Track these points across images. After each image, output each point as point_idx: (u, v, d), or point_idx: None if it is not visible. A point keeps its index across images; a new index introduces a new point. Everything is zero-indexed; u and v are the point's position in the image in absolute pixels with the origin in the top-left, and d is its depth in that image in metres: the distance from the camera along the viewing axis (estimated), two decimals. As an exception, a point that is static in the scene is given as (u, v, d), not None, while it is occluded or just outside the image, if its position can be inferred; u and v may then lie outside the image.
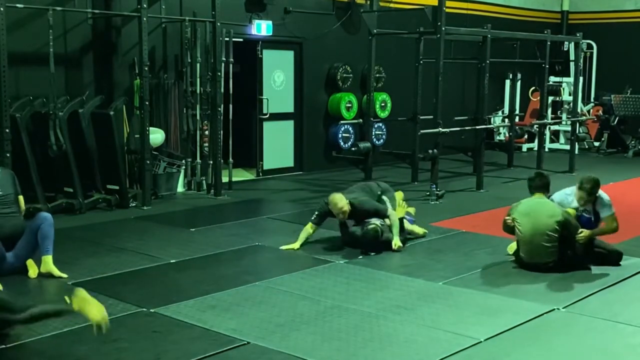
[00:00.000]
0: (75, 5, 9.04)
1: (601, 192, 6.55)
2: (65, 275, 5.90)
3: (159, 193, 9.54)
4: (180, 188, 10.06)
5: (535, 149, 12.92)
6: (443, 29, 9.53)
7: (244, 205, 9.37)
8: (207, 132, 10.02)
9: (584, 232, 6.32)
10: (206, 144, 10.05)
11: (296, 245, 7.00)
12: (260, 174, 11.65)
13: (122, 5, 9.43)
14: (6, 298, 4.31)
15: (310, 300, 5.45)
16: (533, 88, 15.54)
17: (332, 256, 6.72)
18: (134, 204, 9.01)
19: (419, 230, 7.50)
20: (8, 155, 7.59)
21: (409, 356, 4.43)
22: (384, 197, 7.31)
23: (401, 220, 7.13)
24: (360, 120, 11.80)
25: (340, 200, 6.94)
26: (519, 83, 14.12)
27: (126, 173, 9.18)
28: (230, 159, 10.44)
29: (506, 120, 14.21)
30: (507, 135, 14.25)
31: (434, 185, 9.67)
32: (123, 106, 9.28)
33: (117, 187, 8.93)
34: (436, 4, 9.57)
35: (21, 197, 6.27)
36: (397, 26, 11.65)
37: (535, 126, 13.09)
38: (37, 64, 8.65)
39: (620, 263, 6.51)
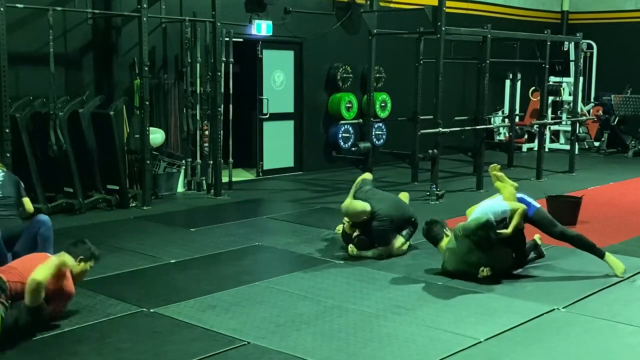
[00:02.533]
0: (75, 5, 9.05)
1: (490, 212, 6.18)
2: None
3: (159, 193, 9.54)
4: (180, 188, 10.06)
5: (535, 149, 12.92)
6: (443, 29, 9.53)
7: (244, 205, 9.37)
8: (207, 132, 10.02)
9: (504, 232, 6.03)
10: (206, 144, 10.05)
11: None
12: (260, 174, 11.65)
13: (122, 5, 9.44)
14: None
15: (310, 300, 5.45)
16: (533, 88, 15.54)
17: (332, 256, 6.71)
18: (134, 204, 9.01)
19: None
20: (8, 155, 7.59)
21: (409, 356, 4.43)
22: (405, 232, 6.86)
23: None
24: (360, 120, 11.80)
25: (357, 210, 6.63)
26: (519, 83, 14.11)
27: (126, 173, 9.18)
28: (230, 159, 10.45)
29: (506, 120, 14.21)
30: (507, 135, 14.25)
31: (434, 185, 9.67)
32: (123, 106, 9.28)
33: (117, 187, 8.93)
34: (436, 4, 9.57)
35: (27, 200, 6.25)
36: (397, 26, 11.65)
37: (535, 126, 13.08)
38: (37, 64, 8.66)
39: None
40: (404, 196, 7.41)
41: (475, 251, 5.92)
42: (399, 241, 6.76)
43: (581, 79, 13.82)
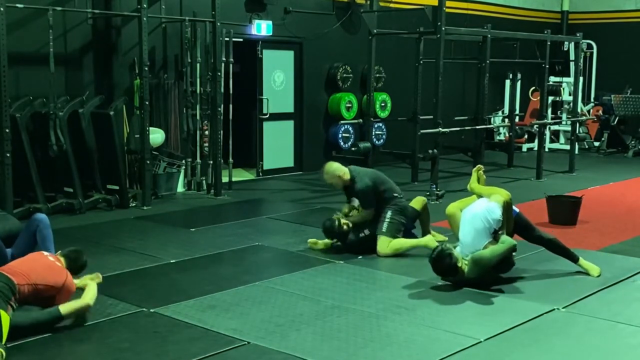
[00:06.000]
0: (75, 5, 9.04)
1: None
2: None
3: (159, 193, 9.54)
4: (180, 188, 10.06)
5: (535, 149, 12.93)
6: (443, 29, 9.54)
7: (244, 205, 9.37)
8: (207, 132, 10.02)
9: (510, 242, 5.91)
10: (206, 144, 10.05)
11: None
12: (260, 174, 11.65)
13: (122, 5, 9.43)
14: None
15: (310, 300, 5.45)
16: (533, 88, 15.54)
17: (332, 256, 6.71)
18: (134, 204, 9.01)
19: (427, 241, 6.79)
20: (8, 155, 7.59)
21: (409, 356, 4.43)
22: (387, 216, 6.87)
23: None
24: (360, 120, 11.80)
25: (330, 172, 7.01)
26: (519, 83, 14.12)
27: (126, 173, 9.18)
28: (230, 159, 10.44)
29: (506, 120, 14.21)
30: (507, 135, 14.26)
31: (434, 185, 9.67)
32: (123, 106, 9.28)
33: (117, 187, 8.93)
34: (436, 4, 9.57)
35: None
36: (397, 26, 11.66)
37: (535, 126, 13.09)
38: (37, 64, 8.65)
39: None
40: (419, 201, 7.30)
41: (494, 273, 5.91)
42: (385, 243, 6.74)
43: (581, 79, 13.82)
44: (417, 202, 7.24)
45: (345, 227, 6.79)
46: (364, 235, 6.82)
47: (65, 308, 4.74)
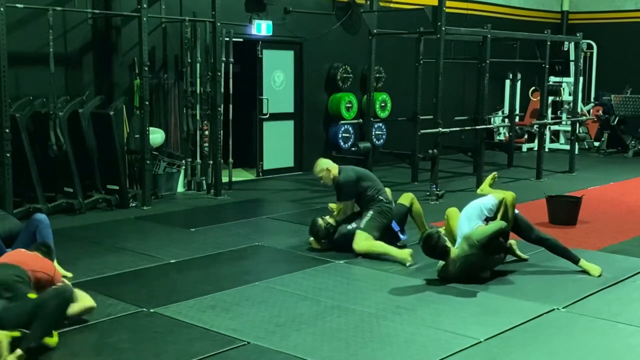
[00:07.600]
0: (75, 5, 9.04)
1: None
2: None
3: (159, 193, 9.54)
4: (180, 188, 10.06)
5: (535, 149, 12.93)
6: (443, 29, 9.54)
7: (244, 205, 9.37)
8: (207, 132, 10.02)
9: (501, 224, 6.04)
10: (206, 144, 10.05)
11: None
12: (260, 174, 11.65)
13: (122, 5, 9.43)
14: None
15: (310, 300, 5.45)
16: (533, 88, 15.54)
17: (332, 256, 6.71)
18: (134, 204, 9.01)
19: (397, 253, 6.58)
20: (8, 155, 7.59)
21: (409, 356, 4.43)
22: (370, 213, 6.83)
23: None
24: (360, 120, 11.80)
25: (320, 165, 7.01)
26: (519, 83, 14.12)
27: (126, 173, 9.18)
28: (230, 159, 10.45)
29: (506, 120, 14.22)
30: (507, 135, 14.26)
31: (434, 185, 9.67)
32: (123, 106, 9.28)
33: (117, 187, 8.93)
34: (436, 4, 9.57)
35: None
36: (397, 26, 11.65)
37: (535, 126, 13.09)
38: (37, 64, 8.65)
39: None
40: (407, 197, 7.30)
41: (485, 257, 5.92)
42: (362, 237, 6.72)
43: (581, 79, 13.83)
44: (404, 198, 7.18)
45: (330, 228, 6.86)
46: (348, 230, 6.80)
47: (71, 308, 4.70)
